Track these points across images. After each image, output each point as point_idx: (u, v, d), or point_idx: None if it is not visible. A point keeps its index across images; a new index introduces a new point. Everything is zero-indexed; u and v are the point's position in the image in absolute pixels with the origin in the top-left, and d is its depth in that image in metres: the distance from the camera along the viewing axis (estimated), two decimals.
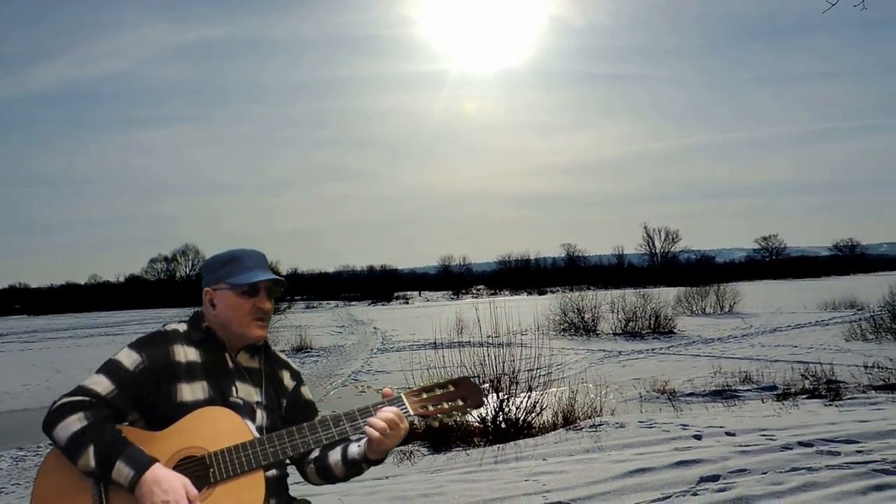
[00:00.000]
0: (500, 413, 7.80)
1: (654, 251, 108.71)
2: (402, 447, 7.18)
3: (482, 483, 5.24)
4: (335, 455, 2.13)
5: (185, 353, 2.04)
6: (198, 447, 1.91)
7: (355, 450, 2.09)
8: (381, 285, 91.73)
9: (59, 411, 1.84)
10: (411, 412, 2.05)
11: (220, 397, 2.02)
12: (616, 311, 23.01)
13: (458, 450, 7.06)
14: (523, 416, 7.84)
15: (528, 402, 7.98)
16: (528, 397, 8.09)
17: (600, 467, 5.36)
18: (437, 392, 2.11)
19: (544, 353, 8.89)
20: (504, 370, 8.29)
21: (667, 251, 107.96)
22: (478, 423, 7.84)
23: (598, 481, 4.97)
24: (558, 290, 56.76)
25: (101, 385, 1.91)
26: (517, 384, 8.23)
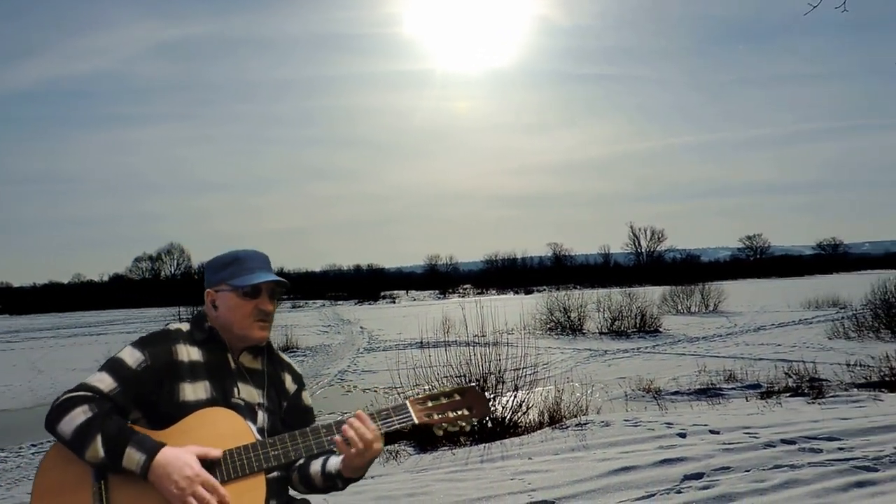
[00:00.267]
0: None
1: (639, 250, 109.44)
2: (388, 447, 7.17)
3: (468, 482, 5.25)
4: (317, 465, 2.12)
5: (188, 353, 2.03)
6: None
7: (334, 463, 2.08)
8: (367, 284, 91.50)
9: (62, 406, 1.84)
10: (415, 420, 2.04)
11: (222, 398, 2.01)
12: (602, 310, 23.09)
13: (444, 449, 7.06)
14: (509, 415, 7.85)
15: (514, 402, 8.00)
16: (515, 396, 8.10)
17: (585, 466, 5.38)
18: (443, 401, 2.10)
19: (530, 353, 8.91)
20: (490, 369, 8.30)
21: (652, 250, 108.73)
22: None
23: (583, 480, 4.99)
24: (545, 290, 56.92)
25: (104, 382, 1.90)
26: (503, 383, 8.25)
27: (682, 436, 6.14)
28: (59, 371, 18.39)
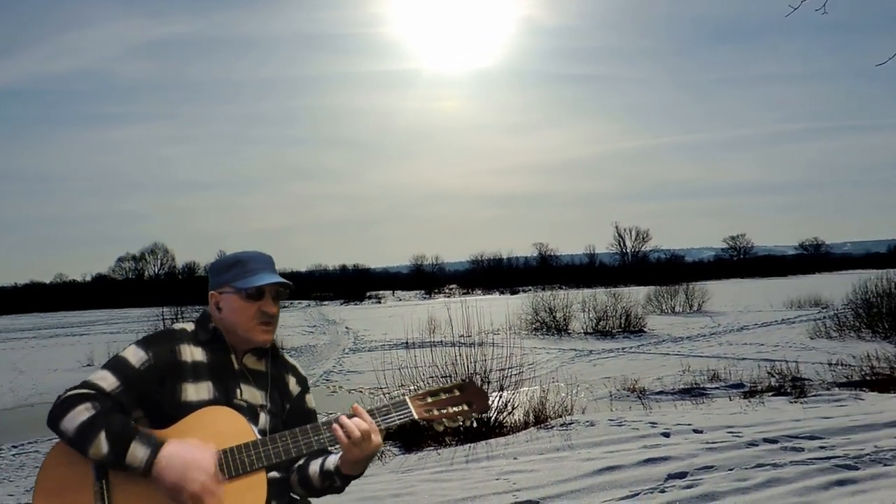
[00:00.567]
0: None
1: (624, 250, 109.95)
2: None
3: (453, 482, 5.25)
4: (315, 465, 2.10)
5: (192, 353, 2.02)
6: None
7: (332, 460, 2.06)
8: (353, 285, 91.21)
9: (65, 404, 1.83)
10: (415, 416, 2.03)
11: (225, 398, 2.00)
12: (587, 310, 23.20)
13: (430, 449, 7.06)
14: (495, 415, 7.86)
15: (499, 402, 8.01)
16: (500, 396, 8.12)
17: (570, 465, 5.40)
18: (443, 396, 2.09)
19: (516, 353, 8.93)
20: (476, 370, 8.31)
21: (637, 250, 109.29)
22: None
23: (568, 479, 5.01)
24: (530, 290, 57.14)
25: (107, 381, 1.89)
26: (489, 384, 8.26)
27: (666, 435, 6.18)
28: (41, 372, 18.21)
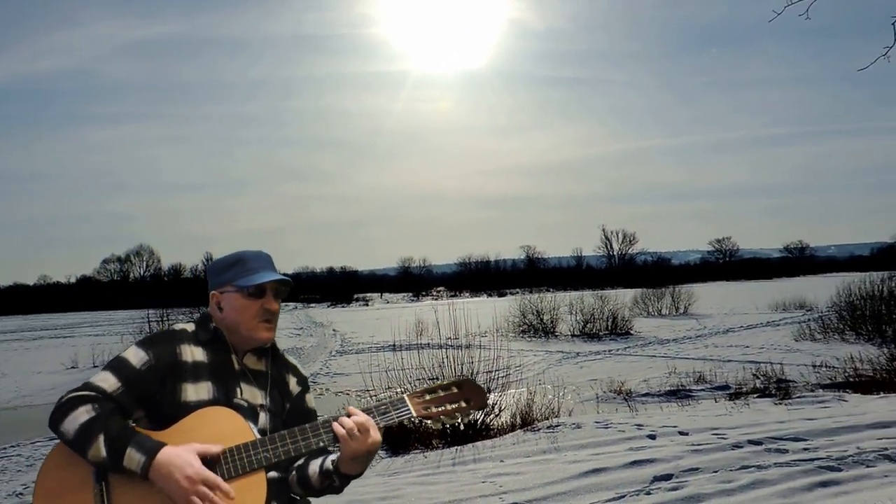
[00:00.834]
0: None
1: (611, 253, 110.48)
2: None
3: (440, 485, 5.25)
4: (315, 465, 2.09)
5: (192, 353, 2.03)
6: None
7: (331, 460, 2.06)
8: (340, 287, 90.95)
9: (66, 405, 1.85)
10: (414, 413, 2.03)
11: (225, 398, 2.01)
12: (574, 312, 23.26)
13: (416, 452, 7.05)
14: (481, 417, 7.86)
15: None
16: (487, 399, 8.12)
17: (556, 468, 5.41)
18: (441, 393, 2.10)
19: (503, 355, 8.95)
20: (463, 372, 8.31)
21: (624, 253, 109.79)
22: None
23: (554, 482, 5.02)
24: (518, 292, 57.24)
25: (108, 382, 1.91)
26: None
27: (652, 437, 6.21)
28: (24, 374, 18.03)
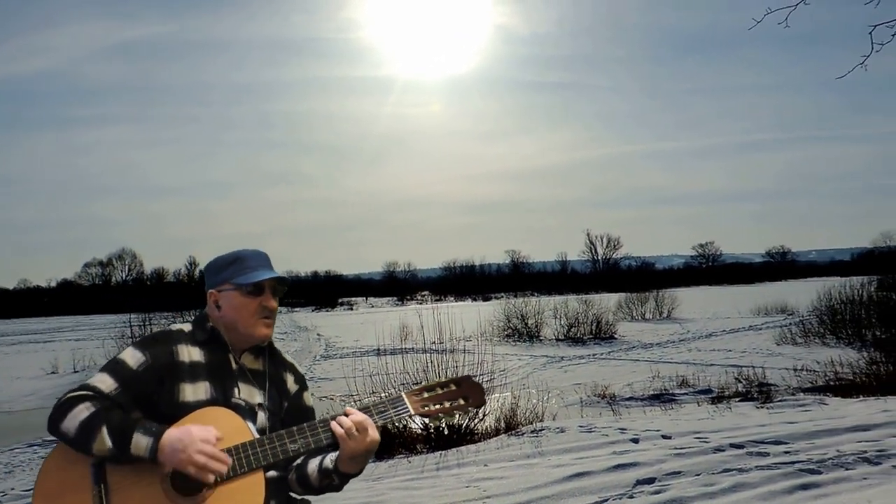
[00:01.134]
0: None
1: (596, 257, 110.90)
2: None
3: (423, 490, 5.24)
4: (314, 464, 2.09)
5: (189, 353, 2.03)
6: None
7: (330, 459, 2.06)
8: (325, 291, 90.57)
9: (63, 406, 1.85)
10: (412, 412, 2.03)
11: (223, 398, 2.01)
12: (559, 317, 23.36)
13: (401, 457, 7.03)
14: (466, 422, 7.86)
15: None
16: None
17: (540, 472, 5.43)
18: (439, 391, 2.09)
19: (488, 360, 8.95)
20: (447, 376, 8.30)
21: (608, 257, 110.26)
22: (420, 430, 7.83)
23: (538, 486, 5.03)
24: (502, 297, 57.29)
25: (105, 383, 1.91)
26: None
27: (636, 441, 6.24)
28: (4, 379, 17.81)
